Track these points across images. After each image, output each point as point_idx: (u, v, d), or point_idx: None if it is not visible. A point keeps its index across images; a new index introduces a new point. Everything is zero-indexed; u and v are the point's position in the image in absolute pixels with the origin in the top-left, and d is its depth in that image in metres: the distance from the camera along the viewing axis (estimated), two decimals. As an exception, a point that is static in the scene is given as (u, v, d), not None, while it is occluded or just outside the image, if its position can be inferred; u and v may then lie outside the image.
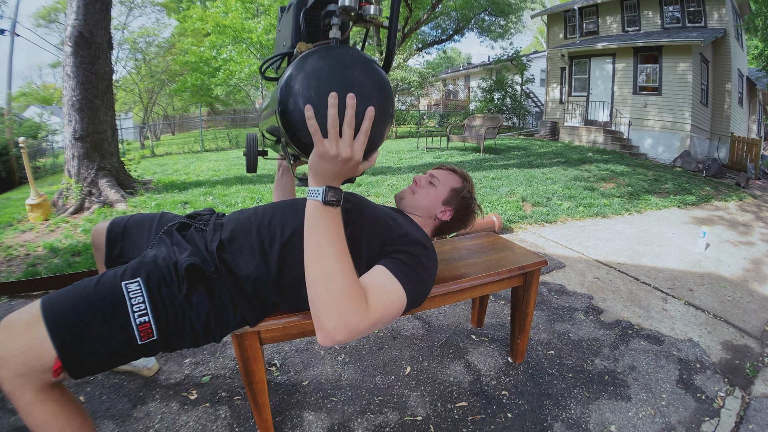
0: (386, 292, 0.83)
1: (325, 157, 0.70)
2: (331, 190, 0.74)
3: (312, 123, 0.67)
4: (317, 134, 0.68)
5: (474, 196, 1.27)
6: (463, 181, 1.26)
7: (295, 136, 0.73)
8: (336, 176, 0.73)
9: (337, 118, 0.67)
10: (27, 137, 7.99)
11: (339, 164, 0.71)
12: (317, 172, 0.73)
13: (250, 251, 0.96)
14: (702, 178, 7.85)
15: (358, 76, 0.72)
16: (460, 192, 1.23)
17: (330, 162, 0.70)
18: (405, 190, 1.26)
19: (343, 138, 0.69)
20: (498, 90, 15.31)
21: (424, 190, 1.23)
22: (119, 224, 1.19)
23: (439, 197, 1.22)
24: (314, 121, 0.67)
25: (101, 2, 3.83)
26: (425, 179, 1.25)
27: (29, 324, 0.80)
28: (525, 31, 28.11)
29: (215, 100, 21.18)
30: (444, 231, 1.28)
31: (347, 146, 0.69)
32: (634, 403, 1.56)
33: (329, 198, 0.74)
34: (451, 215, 1.22)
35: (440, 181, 1.24)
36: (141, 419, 1.35)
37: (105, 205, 3.80)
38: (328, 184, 0.74)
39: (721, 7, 10.06)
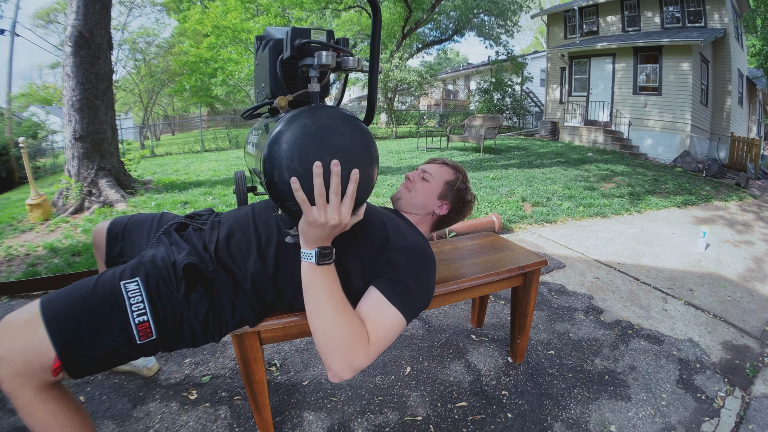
0: (384, 322, 0.85)
1: (315, 225, 0.74)
2: (322, 250, 0.79)
3: (299, 194, 0.70)
4: (305, 204, 0.71)
5: (468, 186, 1.26)
6: (455, 172, 1.25)
7: (284, 205, 0.75)
8: (326, 239, 0.78)
9: (323, 187, 0.70)
10: (27, 137, 7.99)
11: (328, 230, 0.75)
12: (307, 237, 0.78)
13: (247, 248, 0.96)
14: (702, 178, 7.85)
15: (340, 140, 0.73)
16: (454, 184, 1.22)
17: (319, 229, 0.75)
18: (400, 190, 1.25)
19: (331, 204, 0.72)
20: (497, 90, 15.31)
21: (418, 186, 1.22)
22: (119, 224, 1.19)
23: (434, 192, 1.20)
24: (301, 192, 0.70)
25: (101, 2, 3.83)
26: (417, 175, 1.24)
27: (29, 323, 0.80)
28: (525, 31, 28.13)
29: (215, 100, 21.16)
30: (442, 225, 1.27)
31: (335, 213, 0.73)
32: (634, 403, 1.56)
33: (322, 258, 0.79)
34: (448, 208, 1.21)
35: (433, 175, 1.23)
36: (141, 419, 1.35)
37: (105, 205, 3.80)
38: (319, 246, 0.79)
39: (721, 6, 10.06)
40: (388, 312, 0.86)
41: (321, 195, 0.71)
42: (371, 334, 0.83)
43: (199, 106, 18.31)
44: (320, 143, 0.71)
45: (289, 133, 0.71)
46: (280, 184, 0.71)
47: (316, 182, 0.70)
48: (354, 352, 0.79)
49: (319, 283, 0.80)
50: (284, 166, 0.70)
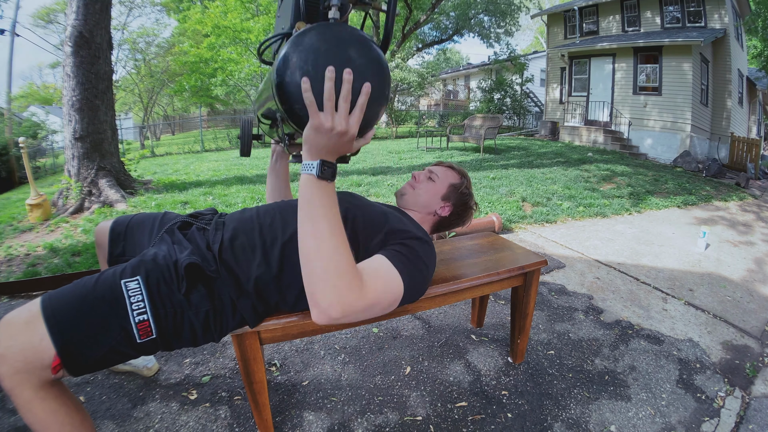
0: (383, 277, 0.83)
1: (321, 129, 0.69)
2: (325, 164, 0.73)
3: (308, 95, 0.67)
4: (313, 107, 0.68)
5: (472, 193, 1.29)
6: (461, 177, 1.28)
7: (291, 108, 0.72)
8: (330, 150, 0.73)
9: (333, 92, 0.67)
10: (27, 137, 7.99)
11: (334, 138, 0.70)
12: (312, 145, 0.72)
13: (251, 250, 0.97)
14: (702, 178, 7.85)
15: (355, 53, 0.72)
16: (459, 188, 1.25)
17: (325, 135, 0.70)
18: (405, 187, 1.27)
19: (339, 112, 0.68)
20: (498, 90, 15.31)
21: (423, 185, 1.24)
22: (122, 223, 1.20)
23: (438, 193, 1.23)
24: (310, 93, 0.67)
25: (101, 2, 3.83)
26: (424, 175, 1.27)
27: (29, 321, 0.80)
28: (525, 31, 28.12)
29: (215, 100, 21.18)
30: (442, 227, 1.29)
31: (343, 120, 0.69)
32: (634, 403, 1.56)
33: (323, 172, 0.73)
34: (449, 211, 1.24)
35: (439, 176, 1.26)
36: (141, 419, 1.35)
37: (105, 205, 3.80)
38: (322, 158, 0.73)
39: (721, 7, 10.06)
40: (389, 270, 0.85)
41: (330, 99, 0.67)
42: (367, 280, 0.78)
43: (199, 106, 18.30)
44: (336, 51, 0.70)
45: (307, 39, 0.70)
46: (291, 85, 0.70)
47: (326, 86, 0.67)
48: (348, 286, 0.73)
49: (317, 199, 0.74)
50: (297, 66, 0.69)
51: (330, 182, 0.75)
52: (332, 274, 0.73)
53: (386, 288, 0.82)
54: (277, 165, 1.40)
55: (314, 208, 0.74)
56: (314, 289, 0.73)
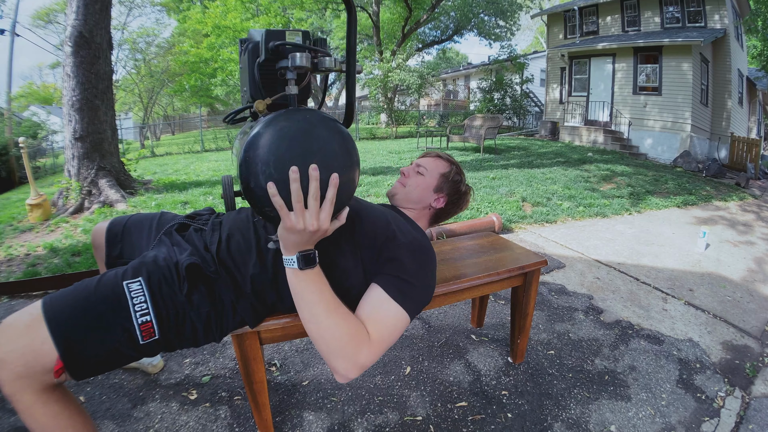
0: (386, 319, 0.84)
1: (293, 231, 0.72)
2: (303, 255, 0.77)
3: (276, 200, 0.68)
4: (283, 209, 0.70)
5: (463, 178, 1.26)
6: (449, 164, 1.25)
7: (262, 211, 0.73)
8: (306, 244, 0.76)
9: (300, 193, 0.68)
10: (27, 137, 7.99)
11: (307, 235, 0.73)
12: (287, 243, 0.76)
13: (247, 250, 0.96)
14: (702, 178, 7.85)
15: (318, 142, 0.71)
16: (449, 176, 1.22)
17: (298, 234, 0.73)
18: (395, 186, 1.24)
19: (309, 210, 0.70)
20: (498, 90, 15.31)
21: (413, 180, 1.22)
22: (119, 224, 1.19)
23: (430, 185, 1.21)
24: (279, 197, 0.68)
25: (101, 2, 3.83)
26: (412, 169, 1.24)
27: (30, 325, 0.79)
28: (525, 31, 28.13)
29: (215, 100, 21.18)
30: (441, 218, 1.26)
31: (314, 219, 0.71)
32: (634, 403, 1.56)
33: (304, 263, 0.77)
34: (444, 201, 1.21)
35: (427, 168, 1.23)
36: (141, 419, 1.35)
37: (105, 205, 3.80)
38: (299, 251, 0.77)
39: (721, 7, 10.06)
40: (390, 308, 0.85)
41: (299, 200, 0.69)
42: (374, 331, 0.82)
43: (199, 106, 18.30)
44: (297, 146, 0.69)
45: (265, 137, 0.68)
46: (257, 190, 0.69)
47: (292, 187, 0.68)
48: (356, 350, 0.78)
49: (306, 287, 0.79)
50: (259, 171, 0.68)
51: (314, 268, 0.79)
52: (339, 347, 0.78)
53: (392, 329, 0.85)
54: None
55: (306, 298, 0.79)
56: (329, 360, 0.79)
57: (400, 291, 0.87)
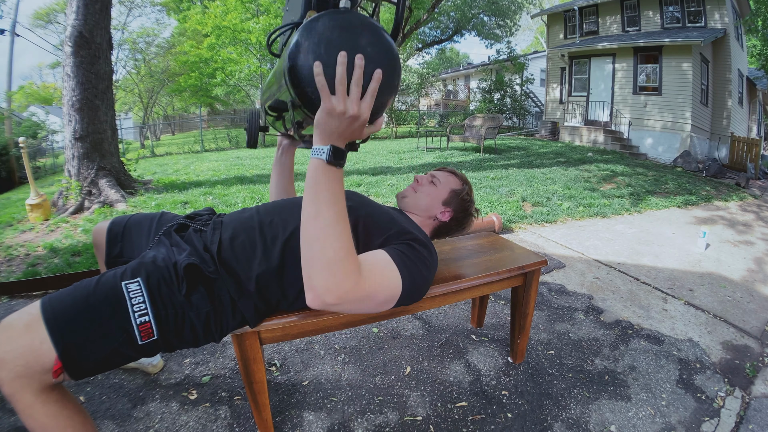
0: (382, 271, 0.84)
1: (333, 113, 0.69)
2: (335, 149, 0.73)
3: (320, 79, 0.67)
4: (325, 90, 0.68)
5: (473, 200, 1.29)
6: (462, 183, 1.29)
7: (303, 92, 0.72)
8: (341, 135, 0.72)
9: (345, 76, 0.68)
10: (27, 137, 7.99)
11: (346, 122, 0.70)
12: (323, 129, 0.72)
13: (252, 249, 0.97)
14: (702, 178, 7.85)
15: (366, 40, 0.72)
16: (460, 194, 1.26)
17: (337, 119, 0.70)
18: (407, 189, 1.28)
19: (351, 96, 0.68)
20: (498, 90, 15.31)
21: (425, 188, 1.25)
22: (119, 224, 1.19)
23: (440, 197, 1.24)
24: (323, 77, 0.67)
25: (101, 2, 3.83)
26: (427, 178, 1.28)
27: (29, 325, 0.79)
28: (525, 31, 28.13)
29: (215, 100, 21.18)
30: (442, 233, 1.29)
31: (354, 104, 0.69)
32: (634, 403, 1.56)
33: (334, 157, 0.73)
34: (450, 216, 1.24)
35: (441, 181, 1.27)
36: (141, 419, 1.35)
37: (105, 205, 3.80)
38: (332, 143, 0.73)
39: (721, 6, 10.06)
40: (389, 266, 0.85)
41: (342, 83, 0.67)
42: (366, 272, 0.79)
43: (199, 106, 18.31)
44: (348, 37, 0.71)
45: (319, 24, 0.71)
46: (303, 68, 0.70)
47: (338, 70, 0.67)
48: (346, 273, 0.74)
49: (324, 184, 0.74)
50: (310, 50, 0.70)
51: (339, 168, 0.75)
52: (331, 259, 0.73)
53: (384, 283, 0.83)
54: (282, 158, 1.39)
55: (320, 193, 0.74)
56: (311, 273, 0.74)
57: (404, 263, 0.88)
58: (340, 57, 0.67)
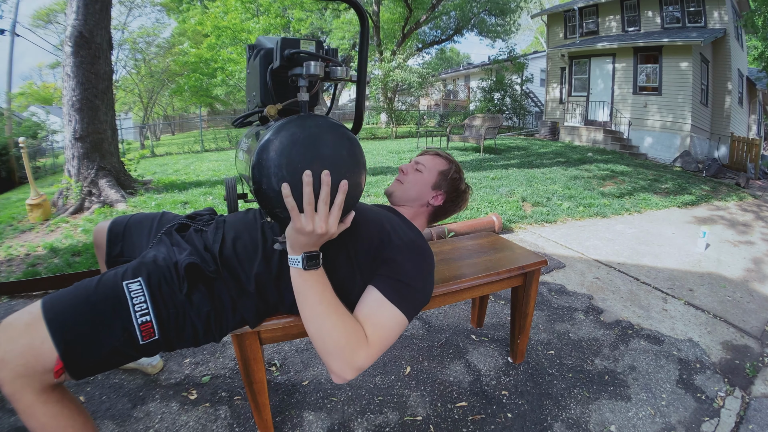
0: (384, 322, 0.85)
1: (302, 232, 0.75)
2: (308, 256, 0.79)
3: (289, 201, 0.71)
4: (294, 211, 0.72)
5: (462, 176, 1.25)
6: (448, 162, 1.24)
7: (272, 212, 0.76)
8: (313, 246, 0.79)
9: (312, 196, 0.71)
10: (27, 137, 7.99)
11: (315, 237, 0.76)
12: (294, 243, 0.78)
13: (254, 250, 0.97)
14: (702, 178, 7.85)
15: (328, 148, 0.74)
16: (448, 173, 1.21)
17: (306, 236, 0.76)
18: (393, 184, 1.23)
19: (319, 213, 0.73)
20: (498, 90, 15.32)
21: (411, 177, 1.21)
22: (120, 223, 1.19)
23: (428, 182, 1.19)
24: (291, 198, 0.71)
25: (101, 2, 3.83)
26: (411, 167, 1.23)
27: (30, 324, 0.79)
28: (525, 31, 28.13)
29: (215, 100, 21.16)
30: (439, 216, 1.25)
31: (323, 222, 0.74)
32: (634, 403, 1.56)
33: (309, 263, 0.79)
34: (443, 199, 1.20)
35: (426, 166, 1.22)
36: (141, 419, 1.35)
37: (105, 205, 3.80)
38: (305, 252, 0.79)
39: (721, 6, 10.06)
40: (387, 311, 0.85)
41: (310, 203, 0.72)
42: (371, 333, 0.82)
43: (199, 107, 18.30)
44: (308, 152, 0.72)
45: (278, 142, 0.72)
46: (269, 191, 0.72)
47: (305, 191, 0.71)
48: (353, 352, 0.79)
49: (309, 287, 0.81)
50: (272, 173, 0.71)
51: (317, 269, 0.81)
52: (337, 347, 0.79)
53: (389, 331, 0.85)
54: None
55: (309, 297, 0.81)
56: (327, 361, 0.80)
57: (398, 293, 0.87)
58: (305, 177, 0.70)
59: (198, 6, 16.01)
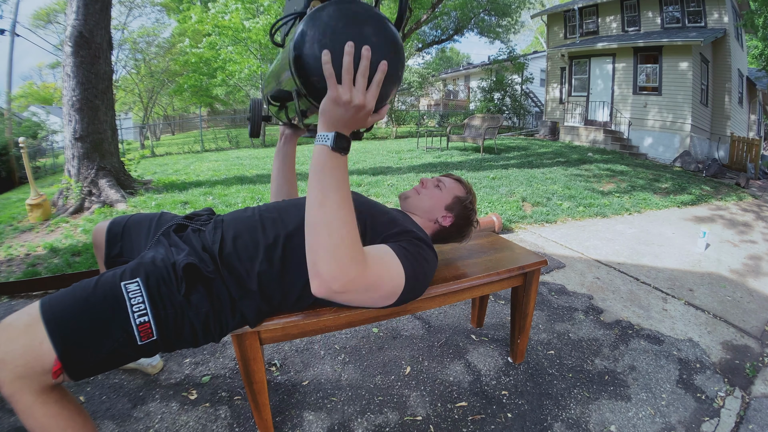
0: (387, 263, 0.85)
1: (338, 102, 0.69)
2: (340, 136, 0.73)
3: (328, 67, 0.67)
4: (332, 79, 0.68)
5: (475, 210, 1.31)
6: (467, 192, 1.30)
7: (309, 81, 0.73)
8: (346, 123, 0.73)
9: (352, 66, 0.68)
10: (27, 137, 7.99)
11: (351, 111, 0.70)
12: (328, 117, 0.72)
13: (254, 248, 0.97)
14: (702, 178, 7.85)
15: (372, 30, 0.73)
16: (463, 201, 1.26)
17: (342, 108, 0.70)
18: (411, 190, 1.29)
19: (357, 86, 0.69)
20: (498, 90, 15.32)
21: (429, 191, 1.27)
22: (119, 224, 1.19)
23: (443, 201, 1.25)
24: (330, 65, 0.67)
25: (101, 2, 3.83)
26: (432, 182, 1.29)
27: (29, 325, 0.79)
28: (525, 31, 28.13)
29: (215, 100, 21.17)
30: (441, 239, 1.30)
31: (360, 94, 0.69)
32: (634, 403, 1.56)
33: (338, 144, 0.73)
34: (451, 222, 1.25)
35: (446, 186, 1.28)
36: (141, 419, 1.35)
37: (105, 205, 3.80)
38: (337, 131, 0.73)
39: (721, 6, 10.07)
40: (392, 258, 0.86)
41: (348, 72, 0.68)
42: (370, 261, 0.79)
43: (199, 107, 18.30)
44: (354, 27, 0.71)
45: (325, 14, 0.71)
46: (309, 57, 0.70)
47: (345, 60, 0.67)
48: (352, 259, 0.74)
49: (329, 170, 0.74)
50: (316, 39, 0.70)
51: (343, 155, 0.75)
52: (337, 245, 0.73)
53: (388, 274, 0.84)
54: (285, 147, 1.39)
55: (325, 178, 0.74)
56: (317, 259, 0.73)
57: (406, 258, 0.89)
58: (347, 47, 0.67)
59: (198, 6, 15.99)
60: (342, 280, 0.73)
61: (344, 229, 0.74)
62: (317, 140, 0.75)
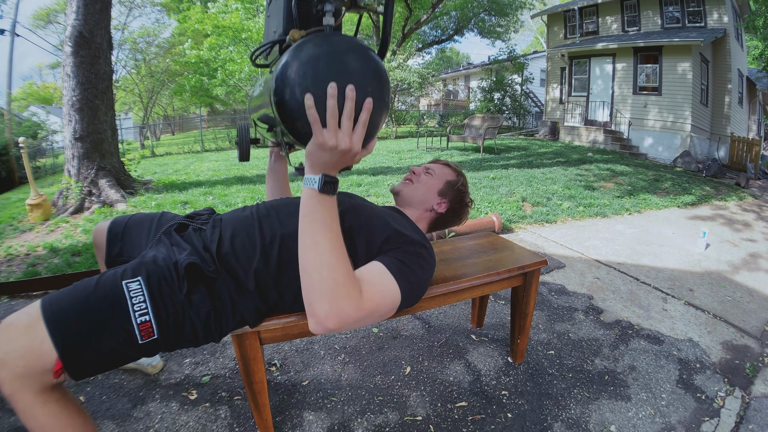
0: (381, 286, 0.84)
1: (324, 147, 0.69)
2: (327, 178, 0.74)
3: (312, 112, 0.67)
4: (317, 124, 0.68)
5: (467, 191, 1.31)
6: (457, 174, 1.30)
7: (293, 126, 0.72)
8: (333, 166, 0.73)
9: (336, 109, 0.67)
10: (27, 137, 7.99)
11: (337, 155, 0.71)
12: (315, 160, 0.73)
13: (252, 248, 0.97)
14: (702, 178, 7.85)
15: (354, 64, 0.71)
16: (455, 184, 1.27)
17: (328, 152, 0.70)
18: (401, 183, 1.29)
19: (342, 129, 0.68)
20: (498, 90, 15.32)
21: (421, 178, 1.27)
22: (120, 223, 1.19)
23: (435, 188, 1.25)
24: (314, 110, 0.67)
25: (101, 2, 3.83)
26: (421, 170, 1.30)
27: (29, 325, 0.79)
28: (525, 31, 28.14)
29: (215, 100, 21.17)
30: (439, 225, 1.30)
31: (346, 137, 0.69)
32: (634, 403, 1.56)
33: (325, 186, 0.74)
34: (446, 207, 1.25)
35: (436, 172, 1.28)
36: (141, 419, 1.35)
37: (105, 205, 3.80)
38: (324, 173, 0.74)
39: (721, 7, 10.06)
40: (386, 278, 0.85)
41: (333, 116, 0.67)
42: (365, 290, 0.79)
43: (199, 107, 18.30)
44: (335, 66, 0.69)
45: (304, 53, 0.69)
46: (292, 102, 0.69)
47: (329, 103, 0.66)
48: (345, 297, 0.74)
49: (318, 213, 0.75)
50: (297, 83, 0.68)
51: (331, 196, 0.76)
52: (330, 287, 0.73)
53: (384, 297, 0.83)
54: (276, 165, 1.40)
55: (315, 222, 0.75)
56: (312, 301, 0.74)
57: (400, 270, 0.88)
58: (330, 89, 0.66)
59: (198, 6, 15.99)
60: (337, 319, 0.74)
61: (336, 270, 0.74)
62: (305, 183, 0.76)
